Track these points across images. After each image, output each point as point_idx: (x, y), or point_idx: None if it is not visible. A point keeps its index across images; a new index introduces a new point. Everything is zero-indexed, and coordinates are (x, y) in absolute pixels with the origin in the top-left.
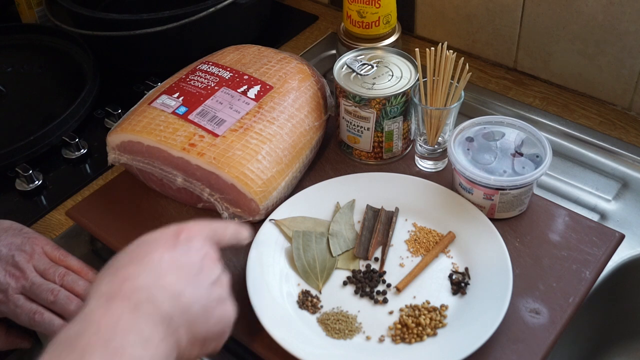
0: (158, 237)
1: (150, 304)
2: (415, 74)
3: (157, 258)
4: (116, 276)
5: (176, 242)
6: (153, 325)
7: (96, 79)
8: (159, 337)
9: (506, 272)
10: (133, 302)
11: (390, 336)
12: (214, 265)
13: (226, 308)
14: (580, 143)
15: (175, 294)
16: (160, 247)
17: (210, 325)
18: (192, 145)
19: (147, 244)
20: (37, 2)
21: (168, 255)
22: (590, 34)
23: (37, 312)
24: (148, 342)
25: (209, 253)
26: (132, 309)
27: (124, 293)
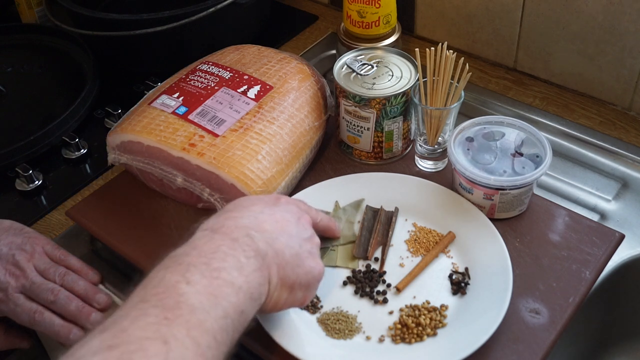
0: (261, 197)
1: (248, 239)
2: (415, 74)
3: (259, 209)
4: (220, 216)
5: (277, 202)
6: (248, 256)
7: (96, 79)
8: (253, 267)
9: (506, 272)
10: (233, 236)
11: (390, 336)
12: (308, 225)
13: (315, 262)
14: (580, 143)
15: (271, 237)
16: (262, 202)
17: (300, 274)
18: (192, 145)
19: (250, 199)
20: (37, 2)
21: (268, 209)
22: (590, 34)
23: (37, 312)
24: (243, 269)
25: (303, 216)
26: (232, 241)
27: (226, 229)
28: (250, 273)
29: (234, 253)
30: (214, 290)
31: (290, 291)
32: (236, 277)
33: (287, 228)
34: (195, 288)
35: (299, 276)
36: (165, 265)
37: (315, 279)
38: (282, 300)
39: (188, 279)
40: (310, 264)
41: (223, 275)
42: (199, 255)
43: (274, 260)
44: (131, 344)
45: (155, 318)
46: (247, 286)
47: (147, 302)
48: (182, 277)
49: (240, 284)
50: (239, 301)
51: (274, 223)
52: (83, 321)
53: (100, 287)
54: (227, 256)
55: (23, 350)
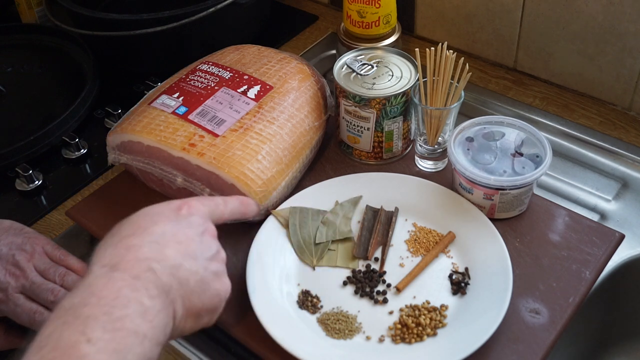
0: (161, 210)
1: (151, 274)
2: (415, 74)
3: (159, 231)
4: (119, 247)
5: (178, 216)
6: (152, 296)
7: (96, 79)
8: (158, 308)
9: (506, 272)
10: (134, 273)
11: (390, 336)
12: (212, 241)
13: (222, 283)
14: (580, 143)
15: (175, 265)
16: (163, 219)
17: (206, 299)
18: (192, 145)
19: (149, 216)
20: (37, 2)
21: (170, 228)
22: (590, 34)
23: (37, 312)
24: (147, 313)
25: (208, 229)
26: (134, 279)
27: (126, 264)
28: (155, 316)
29: (137, 296)
30: (117, 344)
31: (196, 318)
32: (140, 325)
33: (190, 249)
34: (97, 346)
35: (205, 302)
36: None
37: (222, 300)
38: (187, 328)
39: (88, 337)
40: (216, 286)
41: (126, 324)
42: (98, 304)
43: (179, 292)
44: None
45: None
46: (152, 332)
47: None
48: (82, 335)
49: (145, 332)
50: (144, 350)
51: (176, 246)
52: None
53: None
54: (129, 301)
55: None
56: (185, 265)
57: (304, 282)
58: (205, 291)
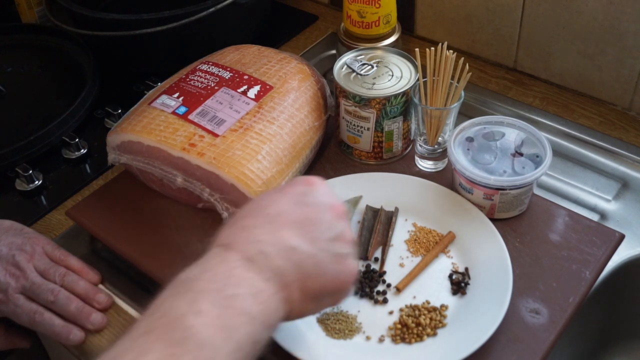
0: (284, 189)
1: (264, 257)
2: (415, 74)
3: (276, 211)
4: (235, 226)
5: (301, 198)
6: (265, 279)
7: (96, 79)
8: (270, 291)
9: (506, 272)
10: (248, 254)
11: (390, 336)
12: (336, 221)
13: (345, 265)
14: (580, 143)
15: (289, 248)
16: (283, 199)
17: (326, 282)
18: (192, 145)
19: (270, 195)
20: (37, 2)
21: (288, 208)
22: (590, 34)
23: (37, 312)
24: (259, 295)
25: (332, 208)
26: (247, 261)
27: (239, 244)
28: (267, 299)
29: (249, 276)
30: (226, 321)
31: (316, 301)
32: (251, 306)
33: (307, 230)
34: (205, 320)
35: (324, 285)
36: (175, 290)
37: (345, 283)
38: (309, 310)
39: (197, 309)
40: (337, 268)
41: (237, 303)
42: (210, 280)
43: (294, 275)
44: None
45: (159, 354)
46: (263, 314)
47: (152, 334)
48: (191, 307)
49: (256, 313)
50: (253, 331)
51: (292, 227)
52: (83, 321)
53: (100, 287)
54: (241, 282)
55: (23, 350)
56: (301, 247)
57: None
58: (324, 274)
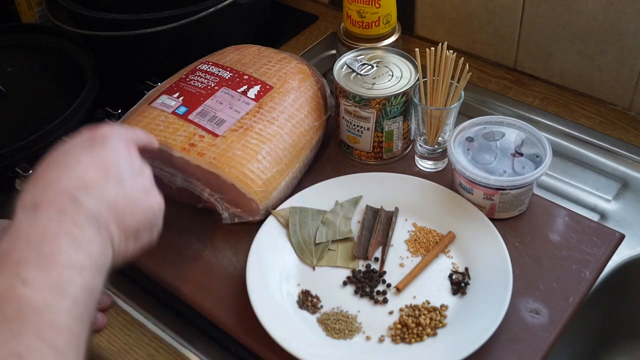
0: (74, 141)
1: (75, 205)
2: (415, 74)
3: (75, 160)
4: (37, 184)
5: (93, 142)
6: (81, 225)
7: (96, 79)
8: (90, 235)
9: (506, 272)
10: (58, 207)
11: (390, 336)
12: (133, 158)
13: (152, 198)
14: (580, 143)
15: (99, 189)
16: (77, 149)
17: (140, 217)
18: (192, 145)
19: (63, 150)
20: (37, 2)
21: (86, 155)
22: (590, 34)
23: None
24: (80, 243)
25: (127, 146)
26: (58, 213)
27: (47, 199)
28: (89, 245)
29: (64, 228)
30: (54, 280)
31: (135, 237)
32: (74, 256)
33: (112, 171)
34: (33, 286)
35: (139, 220)
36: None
37: (157, 215)
38: (130, 249)
39: (23, 279)
40: (147, 201)
41: (60, 259)
42: (27, 245)
43: (109, 215)
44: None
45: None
46: (89, 261)
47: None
48: (16, 278)
49: (82, 262)
50: (85, 281)
51: (96, 170)
52: None
53: None
54: (58, 236)
55: None
56: (109, 188)
57: (304, 282)
58: (137, 209)
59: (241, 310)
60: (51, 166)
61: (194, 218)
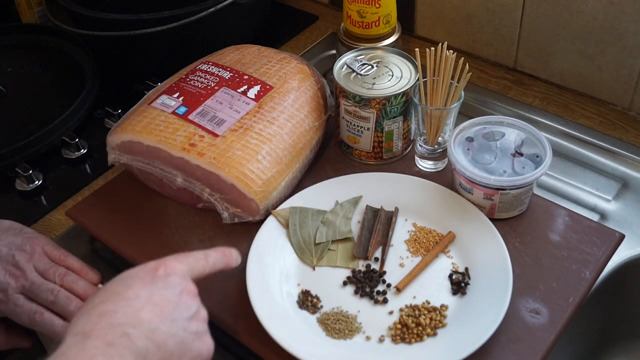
0: (136, 273)
1: (126, 339)
2: (415, 74)
3: (134, 294)
4: (92, 313)
5: (154, 277)
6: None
7: (96, 79)
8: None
9: (506, 272)
10: (108, 339)
11: (390, 336)
12: (192, 300)
13: (203, 342)
14: (580, 143)
15: (151, 329)
16: (138, 283)
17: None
18: (192, 145)
19: (124, 281)
20: (37, 2)
21: (145, 292)
22: (590, 34)
23: (37, 312)
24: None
25: (186, 288)
26: (107, 346)
27: (99, 331)
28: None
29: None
30: None
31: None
32: None
33: (167, 311)
34: None
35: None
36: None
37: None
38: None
39: None
40: (197, 346)
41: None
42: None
43: (156, 356)
44: None
45: None
46: None
47: None
48: None
49: None
50: None
51: (152, 308)
52: None
53: (100, 287)
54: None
55: (23, 350)
56: (162, 327)
57: (304, 282)
58: (186, 352)
59: (241, 310)
60: (110, 298)
61: (194, 218)
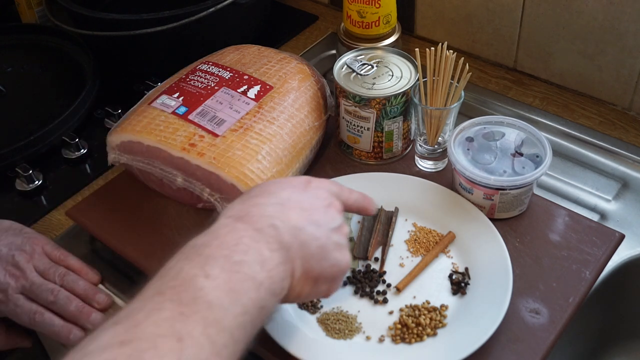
0: (290, 180)
1: (273, 230)
2: (415, 74)
3: (286, 195)
4: (246, 203)
5: (306, 187)
6: (272, 250)
7: (96, 79)
8: (276, 261)
9: (506, 272)
10: (257, 226)
11: (390, 336)
12: (336, 214)
13: (342, 255)
14: (580, 143)
15: (297, 228)
16: (291, 188)
17: (325, 265)
18: (192, 145)
19: (279, 184)
20: (37, 2)
21: (296, 196)
22: (590, 34)
23: (37, 312)
24: (265, 263)
25: (333, 203)
26: (256, 231)
27: (250, 217)
28: (273, 267)
29: (257, 245)
30: (234, 285)
31: (314, 284)
32: (258, 272)
33: (314, 217)
34: (214, 283)
35: (324, 269)
36: (184, 255)
37: (341, 272)
38: (305, 292)
39: (207, 273)
40: (337, 256)
41: (244, 269)
42: (219, 246)
43: (299, 253)
44: (143, 340)
45: (170, 313)
46: (269, 281)
47: (163, 294)
48: (201, 270)
49: (262, 280)
50: (259, 297)
51: (301, 211)
52: (83, 321)
53: (100, 287)
54: (249, 249)
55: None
56: (307, 229)
57: None
58: (325, 258)
59: None
60: (264, 193)
61: (194, 218)
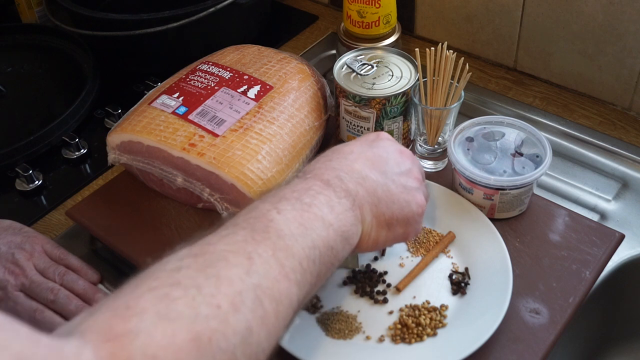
0: (358, 138)
1: (339, 181)
2: (415, 74)
3: (349, 150)
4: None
5: (370, 142)
6: (339, 196)
7: (96, 79)
8: (344, 207)
9: (506, 272)
10: (325, 178)
11: (390, 336)
12: (403, 159)
13: (412, 196)
14: (580, 143)
15: (362, 176)
16: (355, 143)
17: (395, 208)
18: (192, 145)
19: (348, 145)
20: (37, 2)
21: (359, 149)
22: (590, 34)
23: (37, 310)
24: (334, 207)
25: (399, 148)
26: (324, 183)
27: (319, 172)
28: (342, 212)
29: (326, 192)
30: (304, 221)
31: (389, 228)
32: (327, 214)
33: (378, 165)
34: (285, 217)
35: (394, 212)
36: (263, 197)
37: (414, 213)
38: (382, 237)
39: (279, 209)
40: (406, 198)
41: (314, 209)
42: (292, 190)
43: (366, 199)
44: (215, 254)
45: (242, 237)
46: (338, 224)
47: (238, 225)
48: (274, 207)
49: (331, 221)
50: (328, 236)
51: (364, 161)
52: None
53: (100, 286)
54: (318, 194)
55: None
56: (372, 176)
57: None
58: (394, 201)
59: None
60: (332, 153)
61: (194, 218)
